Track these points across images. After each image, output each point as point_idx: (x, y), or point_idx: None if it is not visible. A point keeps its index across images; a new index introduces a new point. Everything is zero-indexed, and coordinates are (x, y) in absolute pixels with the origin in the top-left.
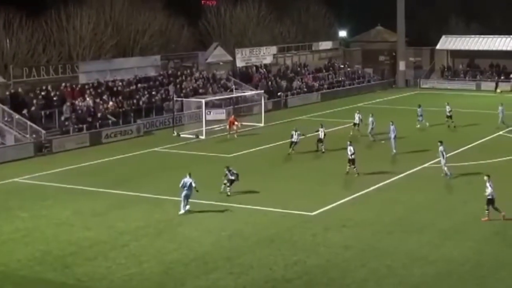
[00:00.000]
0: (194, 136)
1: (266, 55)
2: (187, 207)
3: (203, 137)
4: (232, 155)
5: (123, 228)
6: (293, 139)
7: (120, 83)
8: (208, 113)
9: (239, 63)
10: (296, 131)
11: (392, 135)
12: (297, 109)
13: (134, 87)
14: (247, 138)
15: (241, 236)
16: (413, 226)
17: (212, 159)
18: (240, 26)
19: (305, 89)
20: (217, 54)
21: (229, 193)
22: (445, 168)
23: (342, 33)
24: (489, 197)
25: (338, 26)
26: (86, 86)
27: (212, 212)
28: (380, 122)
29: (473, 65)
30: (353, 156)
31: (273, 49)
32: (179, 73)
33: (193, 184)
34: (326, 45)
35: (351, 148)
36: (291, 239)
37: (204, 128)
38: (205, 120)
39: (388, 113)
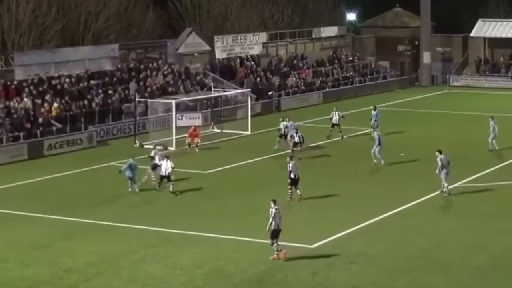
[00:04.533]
0: (161, 147)
1: (253, 44)
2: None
3: (172, 148)
4: (209, 171)
5: (71, 264)
6: (333, 121)
7: (68, 80)
8: (180, 117)
9: (219, 54)
10: (335, 110)
11: (376, 143)
12: (293, 112)
13: (85, 84)
14: (229, 150)
15: (221, 275)
16: (438, 262)
17: (184, 176)
18: (221, 7)
19: (303, 88)
20: (191, 42)
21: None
22: (446, 184)
23: (351, 16)
24: (274, 227)
25: (346, 7)
26: (24, 84)
27: (184, 244)
28: (389, 128)
29: None
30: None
31: (263, 37)
32: (142, 66)
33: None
34: (330, 31)
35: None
36: (285, 279)
37: (174, 137)
38: (176, 127)
39: (408, 118)
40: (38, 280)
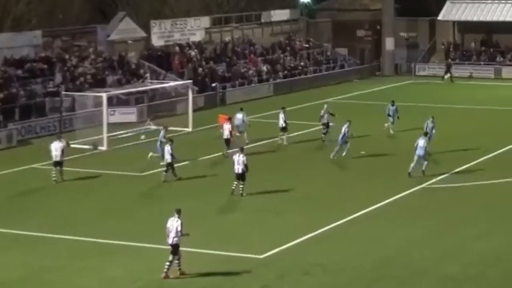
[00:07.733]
0: (91, 147)
1: (195, 29)
2: None
3: (104, 147)
4: (145, 173)
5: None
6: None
7: None
8: (112, 113)
9: (157, 41)
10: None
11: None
12: (240, 106)
13: (3, 75)
14: None
15: None
16: (405, 272)
17: (117, 179)
18: None
19: (252, 78)
20: (124, 28)
21: None
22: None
23: None
24: (173, 242)
25: None
26: None
27: (119, 255)
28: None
29: (491, 43)
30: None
31: (205, 21)
32: (68, 56)
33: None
34: (281, 15)
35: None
36: None
37: (105, 135)
38: (107, 124)
39: (369, 111)
40: None
